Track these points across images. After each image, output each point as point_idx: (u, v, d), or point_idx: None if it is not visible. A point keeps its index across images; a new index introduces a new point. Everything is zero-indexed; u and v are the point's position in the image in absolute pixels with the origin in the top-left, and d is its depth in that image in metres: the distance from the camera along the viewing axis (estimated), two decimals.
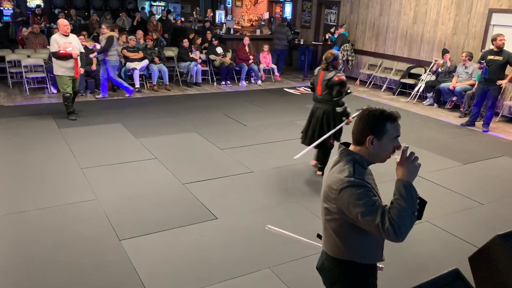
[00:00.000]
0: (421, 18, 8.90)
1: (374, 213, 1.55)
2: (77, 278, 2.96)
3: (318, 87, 4.57)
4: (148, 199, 4.20)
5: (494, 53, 6.49)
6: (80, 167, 4.82)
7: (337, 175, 1.67)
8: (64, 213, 3.85)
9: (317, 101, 4.67)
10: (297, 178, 4.82)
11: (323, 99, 4.55)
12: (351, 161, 1.68)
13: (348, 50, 9.96)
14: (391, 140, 1.67)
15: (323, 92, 4.52)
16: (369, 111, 1.69)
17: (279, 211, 4.05)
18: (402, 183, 1.59)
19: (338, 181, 1.64)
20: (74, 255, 3.22)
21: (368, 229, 1.61)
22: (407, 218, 1.54)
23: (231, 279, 3.01)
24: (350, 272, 1.79)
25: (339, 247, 1.77)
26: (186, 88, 9.25)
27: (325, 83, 4.45)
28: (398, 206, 1.55)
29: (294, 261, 3.25)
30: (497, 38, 6.44)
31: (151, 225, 3.69)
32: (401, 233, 1.52)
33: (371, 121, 1.67)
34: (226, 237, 3.59)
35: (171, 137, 6.02)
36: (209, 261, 3.23)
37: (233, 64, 9.63)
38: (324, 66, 4.52)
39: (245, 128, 6.61)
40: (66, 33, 6.36)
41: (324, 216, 1.79)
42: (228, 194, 4.40)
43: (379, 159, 1.73)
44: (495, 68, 6.47)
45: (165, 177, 4.70)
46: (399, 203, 1.56)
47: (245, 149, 5.68)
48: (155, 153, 5.33)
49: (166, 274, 3.06)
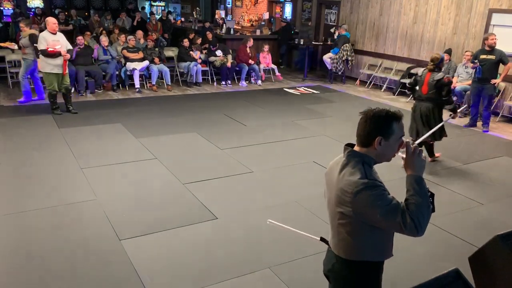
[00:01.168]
0: (421, 18, 8.91)
1: (394, 212, 1.57)
2: (78, 278, 2.96)
3: (424, 86, 5.00)
4: (148, 199, 4.20)
5: (486, 52, 6.53)
6: (80, 167, 4.82)
7: (349, 178, 1.65)
8: (64, 213, 3.85)
9: (420, 100, 5.06)
10: (297, 179, 4.83)
11: (429, 97, 4.97)
12: (360, 163, 1.68)
13: (348, 50, 9.97)
14: (397, 139, 1.69)
15: (429, 91, 4.94)
16: (374, 112, 1.69)
17: (279, 211, 4.05)
18: (413, 178, 1.62)
19: (352, 184, 1.63)
20: (74, 255, 3.22)
21: (388, 228, 1.64)
22: (425, 212, 1.58)
23: (231, 279, 3.00)
24: (364, 272, 1.79)
25: (354, 249, 1.76)
26: (186, 88, 9.25)
27: (433, 83, 4.87)
28: (415, 202, 1.58)
29: (294, 261, 3.25)
30: (489, 38, 6.49)
31: (151, 225, 3.69)
32: (421, 228, 1.56)
33: (378, 122, 1.67)
34: (226, 237, 3.59)
35: (171, 137, 6.02)
36: (209, 261, 3.23)
37: (234, 63, 9.63)
38: (431, 67, 4.93)
39: (245, 128, 6.61)
40: (54, 31, 6.48)
41: (337, 221, 1.75)
42: (228, 194, 4.40)
43: (385, 159, 1.74)
44: (488, 67, 6.51)
45: (165, 177, 4.70)
46: (415, 198, 1.59)
47: (245, 149, 5.68)
48: (155, 153, 5.33)
49: (166, 274, 3.06)
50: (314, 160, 5.30)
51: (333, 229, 1.82)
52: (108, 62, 8.48)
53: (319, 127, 6.74)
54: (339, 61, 10.00)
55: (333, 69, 10.22)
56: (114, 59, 8.59)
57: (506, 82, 7.47)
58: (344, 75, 10.49)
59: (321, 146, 5.94)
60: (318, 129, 6.63)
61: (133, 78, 8.57)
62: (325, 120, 7.26)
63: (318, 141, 6.13)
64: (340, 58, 9.95)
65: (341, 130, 6.53)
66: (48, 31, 6.45)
